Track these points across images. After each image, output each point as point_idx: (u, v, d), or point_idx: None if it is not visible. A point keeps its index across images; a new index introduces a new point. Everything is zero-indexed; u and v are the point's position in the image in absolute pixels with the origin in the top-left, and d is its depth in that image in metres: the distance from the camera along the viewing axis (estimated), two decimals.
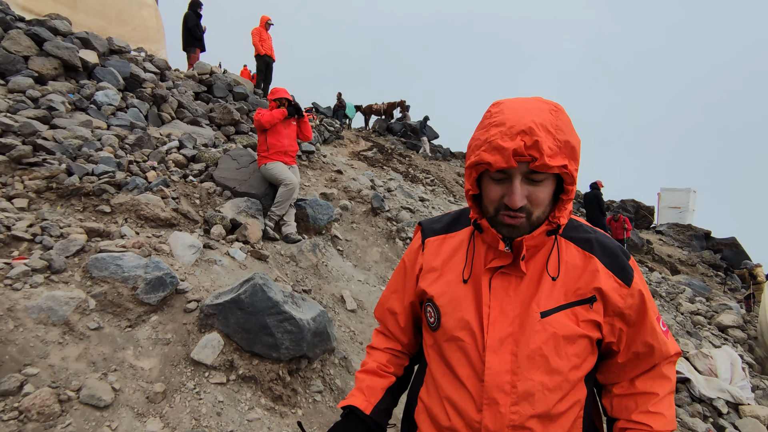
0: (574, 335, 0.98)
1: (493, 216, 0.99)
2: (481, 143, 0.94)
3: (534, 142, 0.87)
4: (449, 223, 1.21)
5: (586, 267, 1.02)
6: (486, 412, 0.99)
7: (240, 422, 2.70)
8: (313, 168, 7.68)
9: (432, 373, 1.13)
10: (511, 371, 0.98)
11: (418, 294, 1.20)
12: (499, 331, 1.00)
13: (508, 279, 1.02)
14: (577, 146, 0.94)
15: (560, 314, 0.98)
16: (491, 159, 0.91)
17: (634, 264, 1.05)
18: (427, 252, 1.19)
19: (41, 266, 2.85)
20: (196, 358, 2.89)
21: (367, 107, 19.43)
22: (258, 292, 3.10)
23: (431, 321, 1.13)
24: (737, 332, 7.69)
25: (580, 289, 1.00)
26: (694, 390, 4.96)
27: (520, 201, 0.92)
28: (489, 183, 0.98)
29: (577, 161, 0.94)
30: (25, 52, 5.26)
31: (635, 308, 1.01)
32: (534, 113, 0.90)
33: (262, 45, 9.99)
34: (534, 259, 1.03)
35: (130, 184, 4.09)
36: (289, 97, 5.26)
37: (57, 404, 2.25)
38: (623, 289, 1.00)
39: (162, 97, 6.47)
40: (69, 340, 2.58)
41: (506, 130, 0.90)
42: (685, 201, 20.52)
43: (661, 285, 9.92)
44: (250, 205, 4.91)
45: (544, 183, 0.93)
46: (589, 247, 1.04)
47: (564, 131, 0.91)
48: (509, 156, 0.88)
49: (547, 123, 0.90)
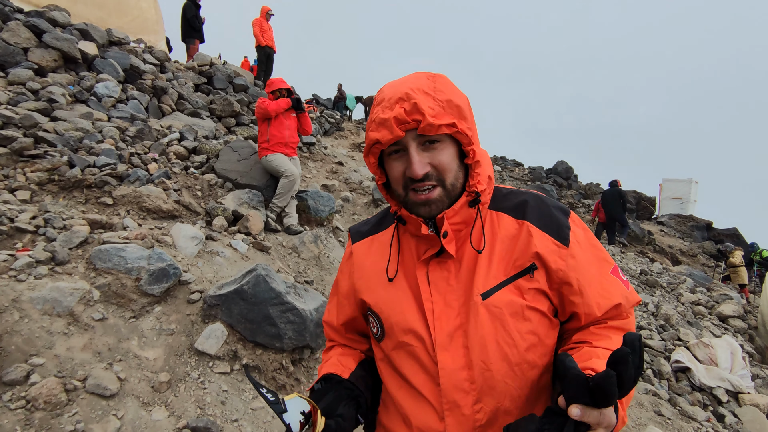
0: (521, 310, 0.89)
1: (404, 198, 0.95)
2: (369, 124, 0.93)
3: (413, 105, 0.85)
4: (376, 223, 1.15)
5: (520, 234, 0.94)
6: (448, 418, 0.90)
7: (244, 411, 2.73)
8: (314, 160, 7.67)
9: (388, 389, 1.04)
10: (467, 366, 0.90)
11: (358, 306, 1.11)
12: (446, 325, 0.92)
13: (446, 267, 0.95)
14: (464, 105, 0.91)
15: (502, 291, 0.90)
16: (378, 135, 0.89)
17: (575, 220, 0.98)
18: (355, 258, 1.12)
19: (45, 258, 2.87)
20: (200, 348, 2.91)
21: (368, 98, 19.32)
22: (261, 283, 3.11)
23: (375, 332, 1.04)
24: (738, 322, 7.71)
25: (518, 260, 0.92)
26: (695, 379, 5.00)
27: (420, 168, 0.88)
28: (390, 163, 0.95)
29: (466, 120, 0.91)
30: (25, 44, 5.23)
31: (580, 269, 0.92)
32: (410, 82, 0.90)
33: (262, 36, 9.92)
34: (467, 241, 0.96)
35: (131, 176, 4.09)
36: (287, 86, 5.24)
37: (63, 393, 2.28)
38: (562, 249, 0.91)
39: (162, 88, 6.45)
40: (74, 330, 2.60)
41: (386, 103, 0.89)
42: (686, 192, 20.46)
43: (662, 275, 9.94)
44: (251, 197, 4.92)
45: (442, 146, 0.90)
46: (521, 212, 0.97)
47: (444, 91, 0.89)
48: (392, 125, 0.86)
49: (423, 86, 0.88)
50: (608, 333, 0.94)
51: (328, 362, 1.13)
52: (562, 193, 17.21)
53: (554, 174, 18.51)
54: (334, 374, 1.05)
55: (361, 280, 1.08)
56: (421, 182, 0.90)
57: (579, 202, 16.35)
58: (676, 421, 4.18)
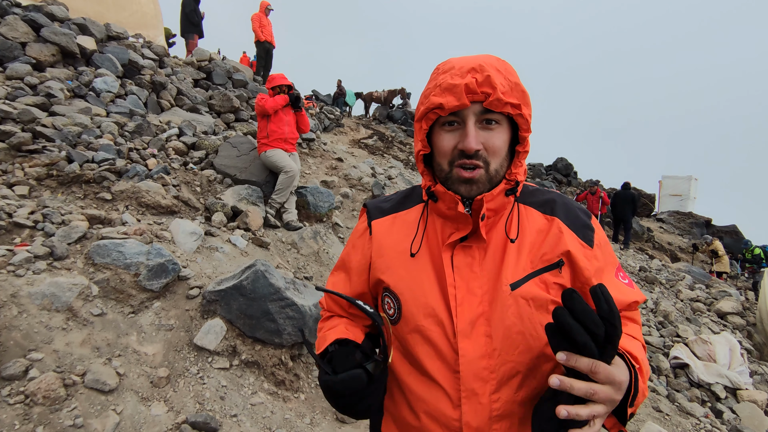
0: (545, 303, 0.90)
1: (448, 172, 0.93)
2: (431, 90, 0.90)
3: (486, 77, 0.84)
4: (399, 201, 1.11)
5: (550, 230, 0.95)
6: (465, 406, 0.89)
7: (243, 406, 2.74)
8: (314, 156, 7.65)
9: (396, 375, 1.01)
10: (488, 355, 0.89)
11: (373, 285, 1.07)
12: (468, 312, 0.91)
13: (471, 254, 0.94)
14: (528, 95, 0.91)
15: (530, 283, 0.90)
16: (442, 100, 0.86)
17: (596, 223, 1.00)
18: (375, 235, 1.07)
19: (44, 253, 2.86)
20: (200, 343, 2.91)
21: (368, 95, 19.28)
22: (260, 279, 3.11)
23: (390, 313, 1.01)
24: (736, 319, 7.73)
25: (546, 254, 0.93)
26: (693, 375, 5.01)
27: (475, 143, 0.87)
28: (440, 134, 0.92)
29: (529, 107, 0.91)
30: (23, 39, 5.20)
31: (600, 271, 0.95)
32: (483, 57, 0.89)
33: (262, 31, 9.87)
34: (496, 228, 0.96)
35: (130, 171, 4.08)
36: (288, 82, 5.22)
37: (62, 388, 2.27)
38: (587, 250, 0.94)
39: (161, 84, 6.42)
40: (73, 325, 2.60)
41: (456, 71, 0.87)
42: (686, 188, 20.46)
43: (661, 272, 9.95)
44: (250, 193, 4.91)
45: (499, 129, 0.89)
46: (550, 209, 0.98)
47: (513, 75, 0.89)
48: (461, 92, 0.84)
49: (495, 64, 0.88)
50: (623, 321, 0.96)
51: (336, 328, 1.07)
52: (562, 189, 17.21)
53: (554, 171, 18.51)
54: (349, 339, 1.00)
55: (380, 258, 1.04)
56: (470, 159, 0.88)
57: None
58: (674, 417, 4.20)
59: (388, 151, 11.20)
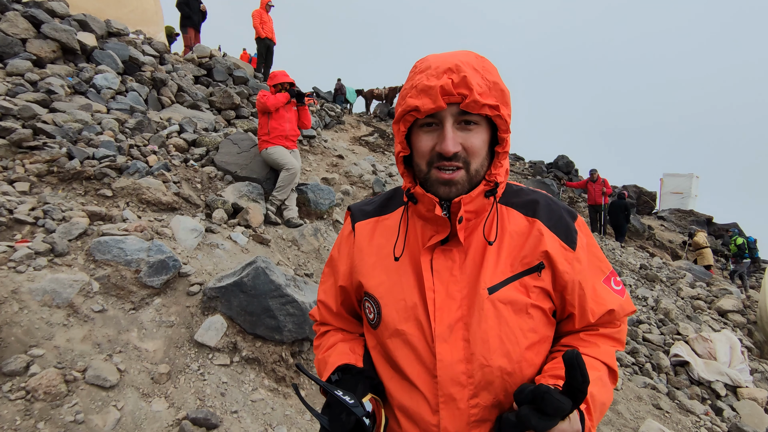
0: (525, 307, 0.89)
1: (426, 174, 0.91)
2: (407, 91, 0.88)
3: (462, 78, 0.82)
4: (381, 204, 1.10)
5: (531, 231, 0.93)
6: (443, 411, 0.88)
7: (244, 403, 2.74)
8: (314, 153, 7.65)
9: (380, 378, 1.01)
10: (465, 360, 0.88)
11: (355, 288, 1.07)
12: (447, 317, 0.89)
13: (451, 257, 0.93)
14: (507, 93, 0.89)
15: (509, 287, 0.89)
16: (418, 102, 0.84)
17: (581, 225, 0.97)
18: (358, 238, 1.06)
19: (44, 249, 2.86)
20: (200, 340, 2.92)
21: (368, 92, 19.23)
22: (260, 276, 3.11)
23: (371, 317, 1.00)
24: (737, 317, 7.74)
25: (526, 257, 0.91)
26: (693, 373, 5.02)
27: (453, 146, 0.84)
28: (419, 135, 0.90)
29: (508, 107, 0.89)
30: (23, 35, 5.20)
31: (582, 274, 0.93)
32: (460, 56, 0.86)
33: (262, 28, 9.84)
34: (476, 231, 0.94)
35: (131, 168, 4.08)
36: (290, 79, 5.21)
37: (63, 384, 2.28)
38: (569, 252, 0.92)
39: (161, 80, 6.41)
40: (73, 322, 2.60)
41: (432, 71, 0.84)
42: (687, 186, 20.41)
43: (662, 270, 9.95)
44: (251, 190, 4.91)
45: (478, 129, 0.87)
46: (532, 210, 0.96)
47: (492, 73, 0.87)
48: (437, 95, 0.82)
49: (473, 63, 0.85)
50: (597, 341, 0.97)
51: (336, 350, 1.08)
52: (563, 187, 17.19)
53: (555, 168, 18.46)
54: (351, 365, 1.01)
55: (361, 262, 1.03)
56: (449, 161, 0.87)
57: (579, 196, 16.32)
58: (674, 414, 4.20)
59: (389, 149, 11.18)
